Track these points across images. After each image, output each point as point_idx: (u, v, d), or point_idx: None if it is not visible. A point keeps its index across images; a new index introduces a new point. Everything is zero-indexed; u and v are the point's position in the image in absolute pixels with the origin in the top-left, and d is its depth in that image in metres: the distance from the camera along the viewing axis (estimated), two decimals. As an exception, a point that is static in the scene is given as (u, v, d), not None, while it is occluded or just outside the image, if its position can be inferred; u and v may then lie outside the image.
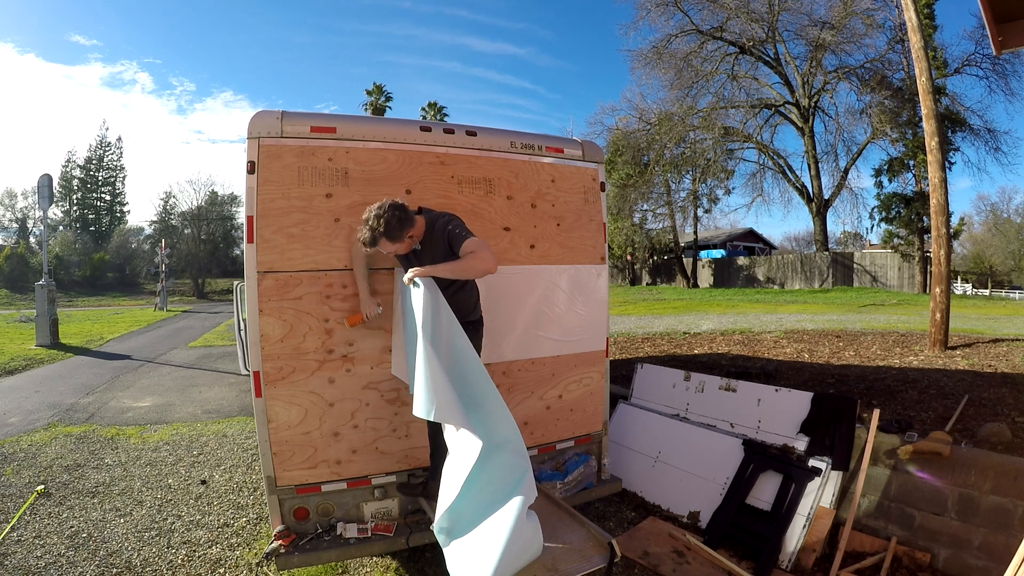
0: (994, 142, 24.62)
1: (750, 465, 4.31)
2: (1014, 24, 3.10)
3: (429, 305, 2.71)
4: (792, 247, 55.47)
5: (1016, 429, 4.18)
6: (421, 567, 3.75)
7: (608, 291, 4.25)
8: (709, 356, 8.33)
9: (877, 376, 6.25)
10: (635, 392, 5.70)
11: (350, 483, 3.38)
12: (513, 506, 2.37)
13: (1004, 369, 6.31)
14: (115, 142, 53.00)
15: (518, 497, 2.39)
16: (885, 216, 25.71)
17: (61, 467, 5.60)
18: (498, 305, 3.75)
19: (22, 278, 34.66)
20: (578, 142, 4.12)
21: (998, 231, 39.92)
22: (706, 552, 3.81)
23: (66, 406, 8.07)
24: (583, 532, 2.93)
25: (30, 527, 4.29)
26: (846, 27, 25.97)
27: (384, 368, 3.41)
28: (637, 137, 31.00)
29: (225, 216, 52.20)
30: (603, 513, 4.53)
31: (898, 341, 8.65)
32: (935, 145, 8.18)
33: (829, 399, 4.37)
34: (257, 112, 3.21)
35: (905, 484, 3.88)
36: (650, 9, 29.25)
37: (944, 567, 3.50)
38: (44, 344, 13.02)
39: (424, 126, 3.57)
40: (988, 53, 22.44)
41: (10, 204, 48.03)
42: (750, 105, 29.53)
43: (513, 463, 2.50)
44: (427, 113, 38.40)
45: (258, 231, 3.11)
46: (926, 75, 8.24)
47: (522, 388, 3.87)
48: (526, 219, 3.83)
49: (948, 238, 8.13)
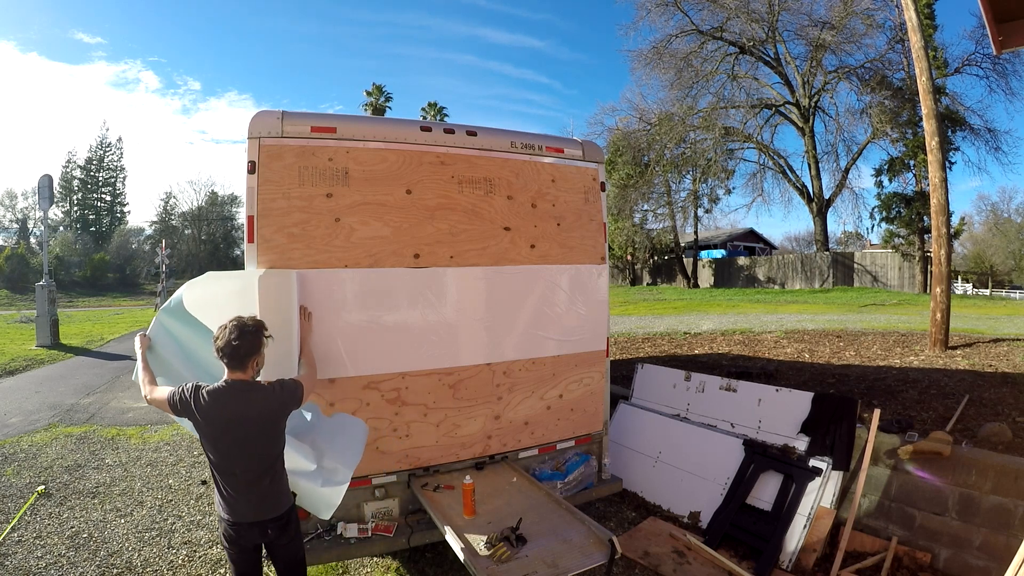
0: (994, 142, 24.56)
1: (751, 465, 4.31)
2: (1014, 24, 3.11)
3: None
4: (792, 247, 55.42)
5: (1017, 429, 4.17)
6: (421, 567, 3.75)
7: (608, 291, 4.25)
8: (709, 356, 8.33)
9: (877, 376, 6.25)
10: (635, 392, 5.70)
11: (351, 483, 3.37)
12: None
13: (1005, 369, 6.30)
14: (116, 142, 53.12)
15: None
16: (885, 216, 25.67)
17: (61, 467, 5.60)
18: (499, 305, 3.75)
19: (22, 278, 34.67)
20: (578, 142, 4.13)
21: (998, 231, 39.88)
22: (707, 552, 3.81)
23: (66, 407, 8.07)
24: (584, 530, 2.93)
25: (31, 527, 4.29)
26: (846, 27, 25.94)
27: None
28: (637, 137, 30.97)
29: (225, 216, 52.33)
30: (603, 513, 4.53)
31: (899, 341, 8.64)
32: (935, 145, 8.18)
33: (829, 399, 4.37)
34: (258, 112, 3.22)
35: (906, 484, 3.88)
36: (650, 9, 29.23)
37: (945, 567, 3.50)
38: (44, 344, 13.02)
39: (424, 126, 3.57)
40: (988, 53, 22.43)
41: (10, 204, 48.14)
42: (750, 105, 29.50)
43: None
44: (427, 113, 38.39)
45: (258, 231, 3.12)
46: (926, 75, 8.23)
47: (523, 388, 3.87)
48: (526, 219, 3.83)
49: (948, 238, 8.13)
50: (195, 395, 2.38)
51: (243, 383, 2.43)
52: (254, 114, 3.20)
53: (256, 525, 2.48)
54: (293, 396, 2.56)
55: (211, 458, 2.45)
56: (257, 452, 2.44)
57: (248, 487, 2.44)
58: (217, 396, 2.38)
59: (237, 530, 2.48)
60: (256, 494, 2.45)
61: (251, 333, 2.44)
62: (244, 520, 2.46)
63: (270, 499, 2.50)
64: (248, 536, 2.50)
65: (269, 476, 2.48)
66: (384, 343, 3.43)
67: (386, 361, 3.44)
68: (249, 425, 2.40)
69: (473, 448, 3.73)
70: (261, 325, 2.52)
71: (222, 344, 2.40)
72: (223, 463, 2.43)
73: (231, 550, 2.55)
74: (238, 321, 2.45)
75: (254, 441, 2.43)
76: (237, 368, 2.43)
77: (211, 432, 2.39)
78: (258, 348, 2.47)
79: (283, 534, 2.56)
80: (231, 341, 2.38)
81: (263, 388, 2.48)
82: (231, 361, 2.41)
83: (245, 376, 2.45)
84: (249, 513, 2.46)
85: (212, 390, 2.39)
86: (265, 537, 2.54)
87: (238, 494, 2.44)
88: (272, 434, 2.49)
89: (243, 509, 2.45)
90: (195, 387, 2.41)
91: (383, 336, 3.43)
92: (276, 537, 2.55)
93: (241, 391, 2.41)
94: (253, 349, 2.44)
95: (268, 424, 2.46)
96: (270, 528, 2.51)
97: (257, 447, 2.44)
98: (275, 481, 2.51)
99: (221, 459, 2.42)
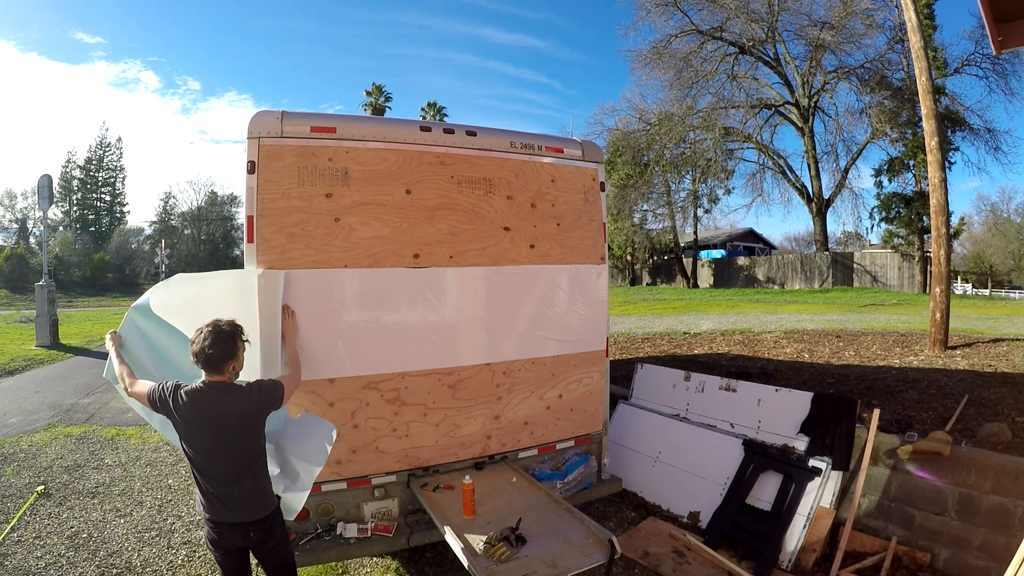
0: (994, 142, 24.55)
1: (750, 465, 4.31)
2: (1014, 24, 3.11)
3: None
4: (792, 247, 55.44)
5: (1016, 429, 4.18)
6: (421, 567, 3.76)
7: (608, 291, 4.25)
8: (709, 356, 8.33)
9: (877, 376, 6.25)
10: (635, 392, 5.70)
11: (350, 483, 3.38)
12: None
13: (1004, 369, 6.30)
14: (115, 142, 52.95)
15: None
16: (885, 216, 25.66)
17: (61, 467, 5.60)
18: (498, 305, 3.75)
19: (22, 278, 34.62)
20: (578, 142, 4.13)
21: (998, 231, 39.88)
22: (706, 552, 3.81)
23: (66, 406, 8.07)
24: (583, 529, 2.93)
25: (30, 528, 4.29)
26: (846, 27, 25.93)
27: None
28: (637, 137, 30.96)
29: (225, 216, 52.28)
30: (603, 513, 4.53)
31: (898, 341, 8.64)
32: (935, 145, 8.18)
33: (829, 399, 4.37)
34: (257, 112, 3.22)
35: (905, 484, 3.88)
36: (650, 9, 29.21)
37: (944, 567, 3.50)
38: (44, 344, 13.01)
39: (424, 126, 3.57)
40: (988, 53, 22.42)
41: (10, 204, 48.05)
42: (750, 105, 29.48)
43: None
44: (426, 113, 38.38)
45: (258, 231, 3.11)
46: (926, 75, 8.23)
47: (522, 388, 3.87)
48: (526, 219, 3.83)
49: (948, 238, 8.13)
50: (174, 395, 2.39)
51: (220, 384, 2.44)
52: (254, 114, 3.20)
53: (237, 527, 2.47)
54: (272, 396, 2.55)
55: (190, 458, 2.46)
56: (236, 453, 2.45)
57: (228, 488, 2.44)
58: (195, 397, 2.39)
59: (219, 531, 2.47)
60: (236, 495, 2.45)
61: (227, 338, 2.44)
62: (224, 520, 2.45)
63: (251, 501, 2.49)
64: (230, 538, 2.49)
65: (250, 477, 2.47)
66: (384, 343, 3.43)
67: (386, 361, 3.43)
68: (227, 426, 2.40)
69: (473, 448, 3.73)
70: (238, 329, 2.51)
71: (197, 349, 2.40)
72: (202, 463, 2.43)
73: (216, 553, 2.55)
74: (214, 326, 2.44)
75: (233, 442, 2.43)
76: (214, 372, 2.43)
77: (189, 432, 2.40)
78: (234, 352, 2.47)
79: (268, 537, 2.55)
80: (206, 348, 2.39)
81: (240, 389, 2.48)
82: (207, 366, 2.42)
83: (222, 379, 2.45)
84: (228, 514, 2.45)
85: (190, 391, 2.40)
86: (248, 540, 2.52)
87: (218, 494, 2.44)
88: (251, 435, 2.49)
89: (223, 509, 2.44)
90: (175, 386, 2.42)
91: (383, 336, 3.43)
92: (261, 541, 2.54)
93: (218, 392, 2.41)
94: (229, 354, 2.44)
95: (246, 425, 2.46)
96: (252, 531, 2.50)
97: (236, 448, 2.44)
98: (256, 482, 2.50)
99: (200, 459, 2.43)
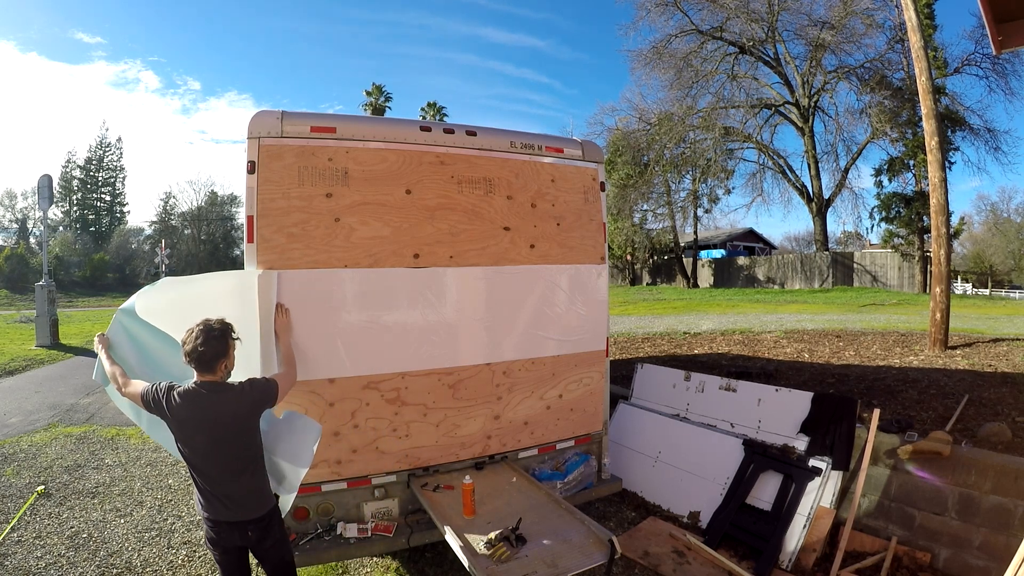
0: (994, 142, 24.55)
1: (750, 465, 4.31)
2: (1014, 24, 3.11)
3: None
4: (792, 247, 55.42)
5: (1016, 429, 4.17)
6: (421, 567, 3.76)
7: (608, 291, 4.25)
8: (709, 356, 8.33)
9: (877, 376, 6.25)
10: (635, 392, 5.70)
11: (350, 483, 3.38)
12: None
13: (1004, 369, 6.30)
14: (115, 142, 52.92)
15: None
16: (885, 216, 25.66)
17: (61, 468, 5.60)
18: (498, 305, 3.75)
19: (22, 278, 34.61)
20: (578, 142, 4.13)
21: (998, 231, 39.88)
22: (706, 552, 3.81)
23: (66, 406, 8.07)
24: (583, 529, 2.93)
25: (30, 528, 4.29)
26: (846, 27, 25.92)
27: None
28: (637, 137, 30.96)
29: (225, 216, 52.27)
30: (603, 513, 4.53)
31: (898, 341, 8.65)
32: (935, 145, 8.18)
33: (829, 399, 4.37)
34: (257, 112, 3.22)
35: (905, 484, 3.88)
36: (650, 9, 29.20)
37: (944, 567, 3.50)
38: (44, 344, 13.02)
39: (424, 126, 3.57)
40: (988, 53, 22.42)
41: (10, 204, 48.03)
42: (750, 105, 29.47)
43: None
44: (426, 113, 38.38)
45: (258, 231, 3.12)
46: (926, 75, 8.23)
47: (522, 388, 3.87)
48: (526, 219, 3.83)
49: (948, 238, 8.13)
50: (167, 395, 2.40)
51: (213, 384, 2.44)
52: (254, 114, 3.20)
53: (235, 526, 2.48)
54: (266, 394, 2.55)
55: (187, 457, 2.46)
56: (232, 452, 2.45)
57: (225, 487, 2.44)
58: (188, 397, 2.39)
59: (217, 530, 2.47)
60: (233, 494, 2.45)
61: (218, 336, 2.44)
62: (222, 519, 2.46)
63: (248, 500, 2.50)
64: (228, 537, 2.49)
65: (247, 475, 2.48)
66: (384, 343, 3.43)
67: (386, 361, 3.43)
68: (221, 426, 2.41)
69: (473, 448, 3.73)
70: (228, 327, 2.52)
71: (189, 348, 2.41)
72: (199, 463, 2.44)
73: (215, 552, 2.56)
74: (204, 325, 2.45)
75: (229, 442, 2.44)
76: (206, 372, 2.44)
77: (184, 433, 2.41)
78: (226, 350, 2.47)
79: (266, 536, 2.55)
80: (198, 346, 2.39)
81: (233, 388, 2.49)
82: (199, 365, 2.42)
83: (215, 378, 2.46)
84: (227, 513, 2.45)
85: (183, 391, 2.40)
86: (246, 540, 2.52)
87: (215, 494, 2.44)
88: (246, 434, 2.49)
89: (221, 508, 2.45)
90: (168, 387, 2.42)
91: (383, 336, 3.43)
92: (259, 539, 2.54)
93: (211, 392, 2.42)
94: (220, 352, 2.45)
95: (241, 424, 2.47)
96: (250, 529, 2.50)
97: (232, 447, 2.45)
98: (253, 481, 2.51)
99: (196, 459, 2.44)
